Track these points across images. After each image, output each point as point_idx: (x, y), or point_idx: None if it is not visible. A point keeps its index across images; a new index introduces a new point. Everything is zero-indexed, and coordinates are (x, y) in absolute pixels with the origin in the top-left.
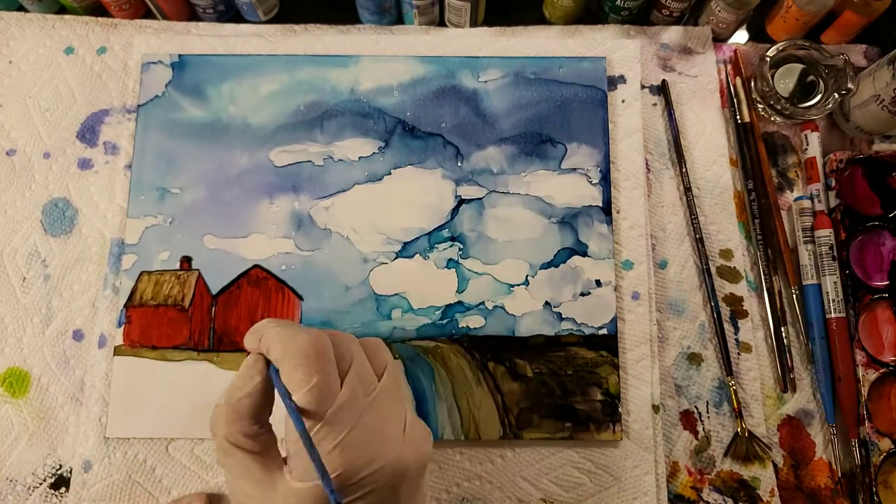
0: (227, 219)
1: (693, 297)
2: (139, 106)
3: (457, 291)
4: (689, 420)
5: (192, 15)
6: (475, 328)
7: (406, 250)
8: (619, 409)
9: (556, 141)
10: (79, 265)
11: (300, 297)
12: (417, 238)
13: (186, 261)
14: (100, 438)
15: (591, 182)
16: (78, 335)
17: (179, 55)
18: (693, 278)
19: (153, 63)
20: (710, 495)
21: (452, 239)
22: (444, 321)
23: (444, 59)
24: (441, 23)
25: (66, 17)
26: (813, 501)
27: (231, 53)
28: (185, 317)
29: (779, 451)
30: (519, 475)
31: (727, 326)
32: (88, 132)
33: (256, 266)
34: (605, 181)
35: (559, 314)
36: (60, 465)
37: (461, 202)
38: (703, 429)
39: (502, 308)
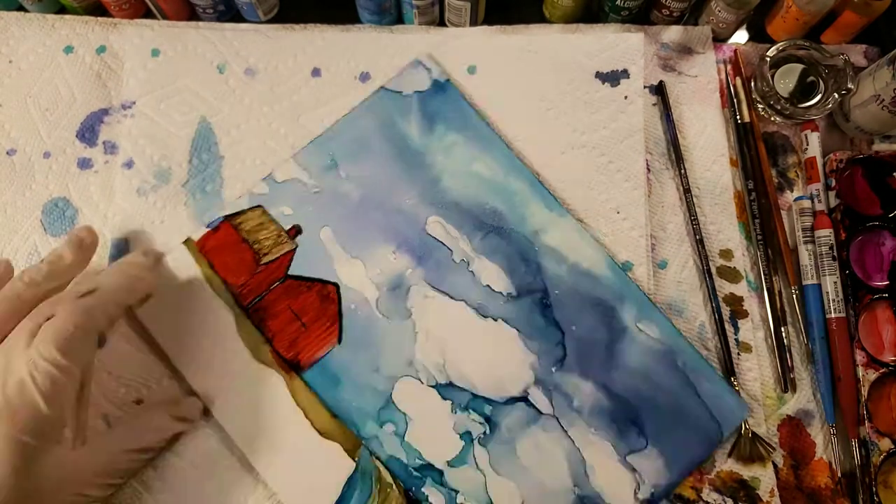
0: (353, 231)
1: (693, 297)
2: (383, 87)
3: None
4: None
5: (192, 15)
6: None
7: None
8: None
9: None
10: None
11: (339, 340)
12: (472, 397)
13: (296, 230)
14: None
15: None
16: None
17: (447, 80)
18: (693, 278)
19: (425, 67)
20: (709, 495)
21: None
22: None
23: (624, 279)
24: (441, 22)
25: (66, 16)
26: (813, 501)
27: (482, 119)
28: (252, 269)
29: (779, 451)
30: None
31: (727, 326)
32: (88, 132)
33: (336, 286)
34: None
35: None
36: None
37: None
38: None
39: None
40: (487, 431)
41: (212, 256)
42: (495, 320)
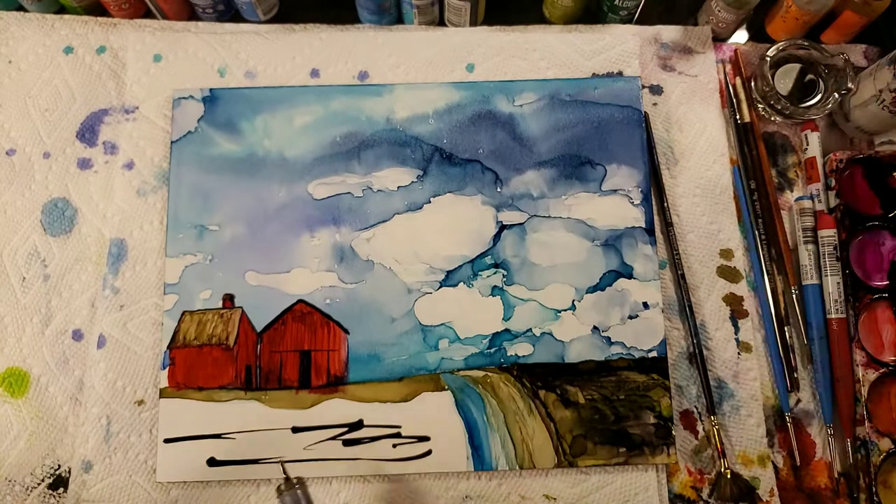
0: (268, 254)
1: (693, 296)
2: (173, 142)
3: (503, 319)
4: (688, 420)
5: (192, 14)
6: (524, 356)
7: (450, 279)
8: (673, 432)
9: (596, 163)
10: (78, 265)
11: (346, 331)
12: (460, 266)
13: (229, 299)
14: (100, 439)
15: (632, 203)
16: (77, 335)
17: (211, 90)
18: (693, 278)
19: (184, 98)
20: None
21: (496, 266)
22: (492, 350)
23: (478, 84)
24: (441, 22)
25: (66, 16)
26: (813, 501)
27: (263, 87)
28: (231, 356)
29: (779, 451)
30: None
31: (728, 326)
32: (88, 132)
33: (301, 301)
34: (647, 201)
35: (608, 338)
36: (59, 466)
37: (503, 228)
38: (703, 429)
39: (550, 335)
40: (505, 273)
41: (189, 382)
42: (429, 203)
